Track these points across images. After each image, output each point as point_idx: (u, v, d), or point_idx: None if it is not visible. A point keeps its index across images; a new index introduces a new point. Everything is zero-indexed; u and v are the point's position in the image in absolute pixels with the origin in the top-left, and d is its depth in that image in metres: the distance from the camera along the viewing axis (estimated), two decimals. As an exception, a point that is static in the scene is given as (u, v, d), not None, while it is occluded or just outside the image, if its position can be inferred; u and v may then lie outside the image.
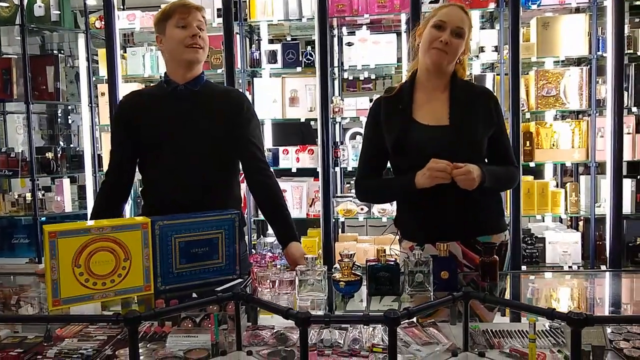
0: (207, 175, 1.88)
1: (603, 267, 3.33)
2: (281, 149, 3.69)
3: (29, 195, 3.92)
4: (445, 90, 1.82)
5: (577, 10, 3.55)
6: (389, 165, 1.93)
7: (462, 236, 1.77)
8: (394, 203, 3.42)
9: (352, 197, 3.67)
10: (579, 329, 1.11)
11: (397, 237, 1.93)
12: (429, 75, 1.82)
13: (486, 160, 1.85)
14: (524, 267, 3.37)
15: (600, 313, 1.65)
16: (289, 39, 4.04)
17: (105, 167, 3.83)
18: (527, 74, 3.59)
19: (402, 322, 1.18)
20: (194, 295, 1.55)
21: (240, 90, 3.68)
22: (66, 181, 4.06)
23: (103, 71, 3.82)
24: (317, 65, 3.44)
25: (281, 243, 1.85)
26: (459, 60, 1.84)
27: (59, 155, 4.05)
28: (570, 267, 3.42)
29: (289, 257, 1.80)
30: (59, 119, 5.04)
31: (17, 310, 1.74)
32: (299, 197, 3.69)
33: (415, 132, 1.77)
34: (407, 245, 1.87)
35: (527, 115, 3.65)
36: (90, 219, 1.97)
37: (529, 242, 3.47)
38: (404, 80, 1.92)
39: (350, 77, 4.48)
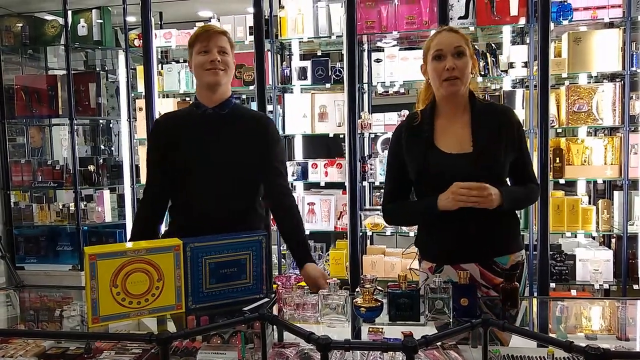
0: (234, 198, 1.95)
1: (635, 287, 3.26)
2: (310, 162, 3.76)
3: (72, 206, 4.13)
4: (465, 112, 1.82)
5: (611, 25, 3.48)
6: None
7: (481, 258, 1.80)
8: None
9: (379, 210, 3.71)
10: (597, 364, 1.12)
11: (417, 257, 1.96)
12: (447, 101, 1.83)
13: (507, 179, 1.87)
14: (552, 285, 3.33)
15: (632, 335, 1.64)
16: (319, 53, 4.11)
17: (142, 178, 4.06)
18: (559, 88, 3.55)
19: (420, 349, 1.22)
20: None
21: (271, 106, 3.79)
22: (106, 192, 4.26)
23: (141, 87, 3.98)
24: (345, 81, 3.50)
25: (298, 263, 1.93)
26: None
27: (99, 165, 4.25)
28: (601, 285, 3.36)
29: (309, 278, 1.85)
30: (101, 129, 5.25)
31: (61, 320, 1.87)
32: (327, 210, 3.75)
33: (437, 159, 1.79)
34: (426, 265, 1.89)
35: (559, 131, 3.60)
36: (131, 239, 2.07)
37: (558, 258, 3.41)
38: (420, 108, 1.91)
39: (380, 91, 4.52)
